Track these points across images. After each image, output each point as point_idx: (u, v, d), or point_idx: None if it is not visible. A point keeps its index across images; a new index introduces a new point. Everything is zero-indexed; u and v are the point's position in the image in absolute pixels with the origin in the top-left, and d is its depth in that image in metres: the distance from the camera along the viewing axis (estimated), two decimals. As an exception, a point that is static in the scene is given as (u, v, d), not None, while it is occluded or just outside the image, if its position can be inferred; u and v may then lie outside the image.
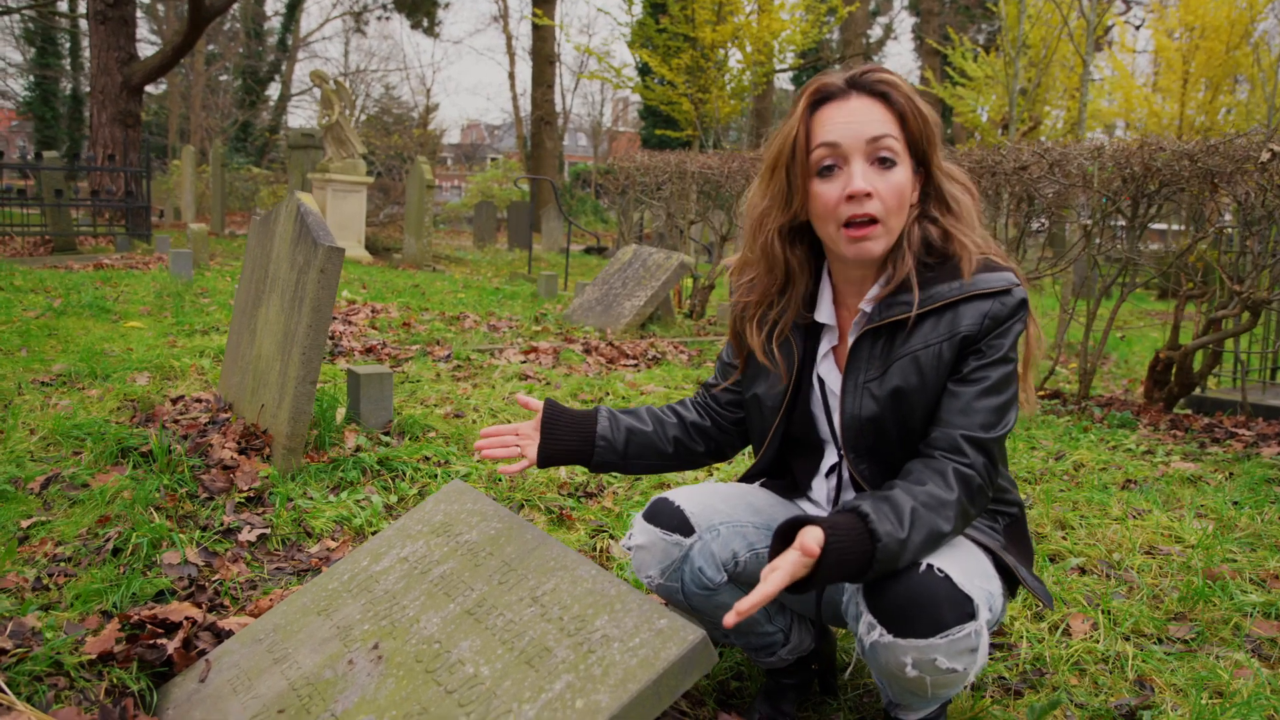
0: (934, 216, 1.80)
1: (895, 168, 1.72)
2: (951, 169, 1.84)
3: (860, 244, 1.72)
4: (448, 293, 9.45)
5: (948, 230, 1.78)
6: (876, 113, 1.73)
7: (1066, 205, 5.53)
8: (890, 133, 1.72)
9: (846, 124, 1.71)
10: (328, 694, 1.97)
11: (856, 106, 1.73)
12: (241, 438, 3.57)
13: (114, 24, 17.93)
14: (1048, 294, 9.26)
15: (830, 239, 1.77)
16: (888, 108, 1.74)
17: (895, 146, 1.72)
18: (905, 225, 1.77)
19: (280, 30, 38.17)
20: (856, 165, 1.70)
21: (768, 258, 1.88)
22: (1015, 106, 14.05)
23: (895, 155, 1.72)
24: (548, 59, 28.27)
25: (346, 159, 13.94)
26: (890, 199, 1.71)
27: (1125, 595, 2.75)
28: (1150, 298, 15.35)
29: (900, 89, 1.75)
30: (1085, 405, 5.25)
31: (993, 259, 1.78)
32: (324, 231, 3.47)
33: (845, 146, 1.71)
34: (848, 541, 1.56)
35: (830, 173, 1.73)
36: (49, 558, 2.76)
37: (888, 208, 1.71)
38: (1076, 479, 3.80)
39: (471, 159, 52.85)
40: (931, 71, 25.05)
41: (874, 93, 1.75)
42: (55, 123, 35.90)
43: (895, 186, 1.71)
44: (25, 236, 12.09)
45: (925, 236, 1.78)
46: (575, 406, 4.79)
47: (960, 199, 1.81)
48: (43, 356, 4.91)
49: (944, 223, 1.78)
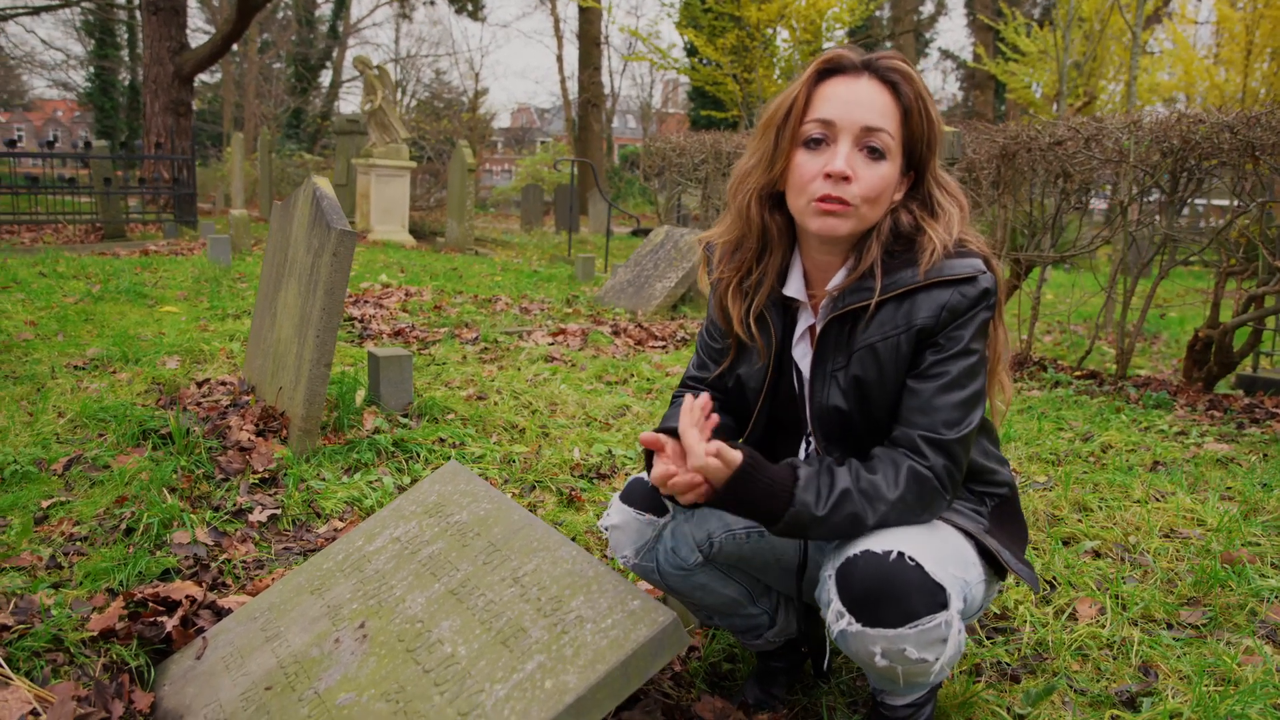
0: (910, 210, 1.74)
1: (882, 162, 1.65)
2: (946, 179, 1.77)
3: (827, 219, 1.66)
4: (484, 276, 9.49)
5: (919, 222, 1.72)
6: (881, 101, 1.66)
7: (1104, 181, 5.40)
8: (887, 128, 1.65)
9: (847, 104, 1.65)
10: (313, 672, 1.99)
11: (863, 89, 1.66)
12: (259, 420, 3.62)
13: (165, 14, 18.23)
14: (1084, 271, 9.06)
15: (799, 211, 1.71)
16: (894, 99, 1.67)
17: (889, 142, 1.65)
18: (879, 219, 1.71)
19: (331, 17, 38.52)
20: (843, 146, 1.64)
21: (745, 219, 1.82)
22: (1066, 80, 13.76)
23: (886, 150, 1.65)
24: (594, 41, 28.20)
25: (390, 144, 14.05)
26: (869, 190, 1.65)
27: (1139, 579, 2.69)
28: (1208, 275, 14.97)
29: (913, 84, 1.67)
30: (1121, 385, 5.13)
31: (963, 242, 1.71)
32: (337, 215, 3.49)
33: (839, 126, 1.65)
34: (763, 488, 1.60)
35: (816, 146, 1.67)
36: (65, 537, 2.82)
37: (864, 197, 1.65)
38: (1102, 461, 3.72)
39: (521, 142, 52.99)
40: (984, 48, 24.60)
41: (885, 80, 1.67)
42: (114, 113, 36.64)
43: (877, 179, 1.65)
44: (77, 224, 12.38)
45: (895, 225, 1.72)
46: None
47: (948, 209, 1.73)
48: (78, 341, 5.02)
49: (918, 215, 1.72)
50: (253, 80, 34.87)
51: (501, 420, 4.02)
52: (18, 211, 11.70)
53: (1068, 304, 8.73)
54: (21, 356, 4.66)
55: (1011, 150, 5.56)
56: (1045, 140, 5.37)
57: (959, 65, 38.23)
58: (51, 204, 12.47)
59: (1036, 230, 5.81)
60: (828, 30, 20.40)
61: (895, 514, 1.63)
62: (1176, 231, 5.05)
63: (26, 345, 4.85)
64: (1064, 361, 6.05)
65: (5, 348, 4.77)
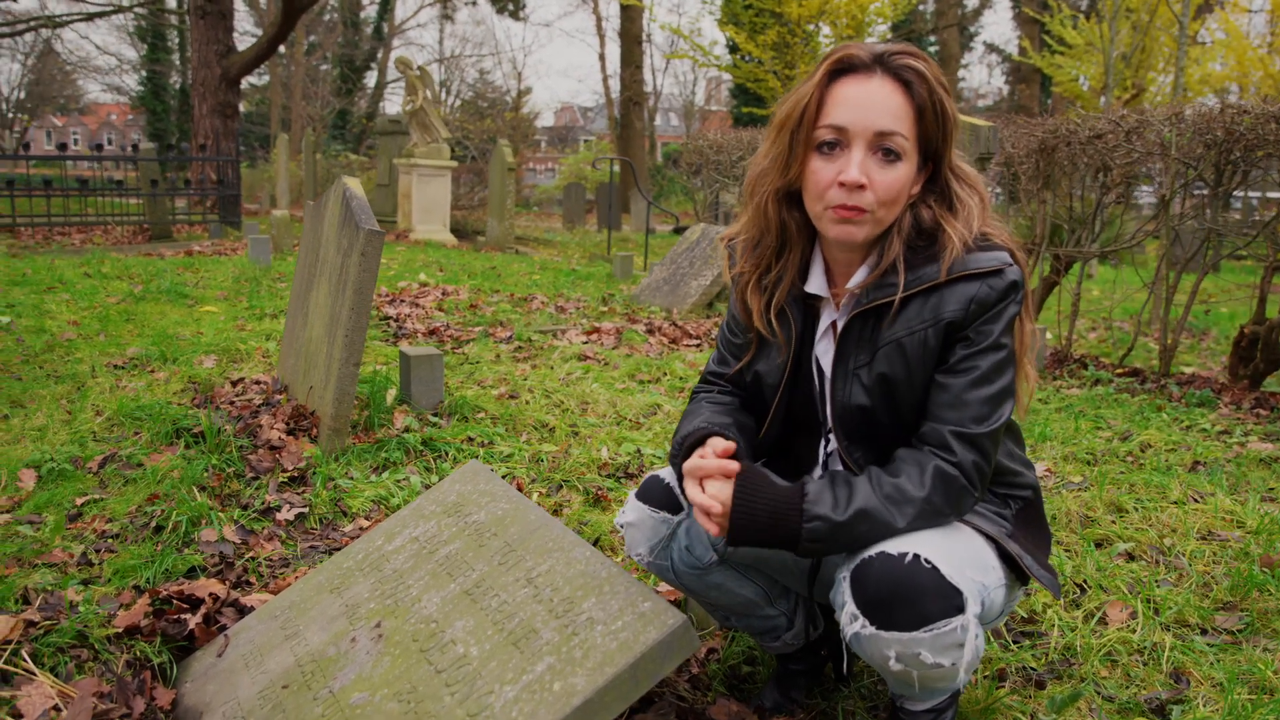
0: (930, 205, 1.71)
1: (898, 163, 1.62)
2: (964, 169, 1.73)
3: (844, 226, 1.65)
4: (523, 274, 9.52)
5: (939, 219, 1.69)
6: (894, 102, 1.62)
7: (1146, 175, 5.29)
8: (901, 130, 1.61)
9: (860, 108, 1.62)
10: (329, 671, 2.00)
11: (876, 90, 1.63)
12: (290, 418, 3.65)
13: (213, 18, 18.51)
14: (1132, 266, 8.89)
15: (816, 217, 1.70)
16: (907, 97, 1.63)
17: (903, 144, 1.62)
18: (898, 216, 1.69)
19: (376, 19, 38.89)
20: (856, 153, 1.61)
21: (763, 220, 1.81)
22: (1112, 73, 13.50)
23: (901, 152, 1.62)
24: (636, 39, 28.18)
25: (431, 144, 14.14)
26: (885, 194, 1.62)
27: (1173, 583, 2.62)
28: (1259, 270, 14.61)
29: (926, 80, 1.63)
30: (1164, 383, 5.02)
31: (988, 235, 1.69)
32: (366, 215, 3.51)
33: (852, 132, 1.62)
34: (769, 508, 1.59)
35: (830, 151, 1.64)
36: (97, 534, 2.86)
37: (880, 201, 1.63)
38: (1140, 460, 3.64)
39: (565, 141, 53.13)
40: (1029, 40, 24.21)
41: (898, 78, 1.64)
42: (165, 115, 37.32)
43: (893, 182, 1.62)
44: (125, 225, 12.61)
45: (916, 220, 1.70)
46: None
47: (966, 201, 1.70)
48: (119, 340, 5.10)
49: (938, 211, 1.69)
50: (299, 82, 35.30)
51: (532, 419, 4.03)
52: (69, 213, 11.95)
53: (1114, 300, 8.56)
54: (64, 356, 4.75)
55: (1051, 144, 5.46)
56: (1085, 134, 5.26)
57: (1004, 59, 37.73)
58: (102, 205, 12.72)
59: (1077, 225, 5.70)
60: (869, 25, 20.21)
61: (924, 514, 1.60)
62: (1221, 225, 4.93)
63: (69, 345, 4.94)
64: (1106, 359, 5.93)
65: (48, 347, 4.86)
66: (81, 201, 12.35)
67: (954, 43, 28.79)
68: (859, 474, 1.66)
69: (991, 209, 1.77)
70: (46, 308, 5.79)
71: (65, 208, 11.85)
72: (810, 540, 1.58)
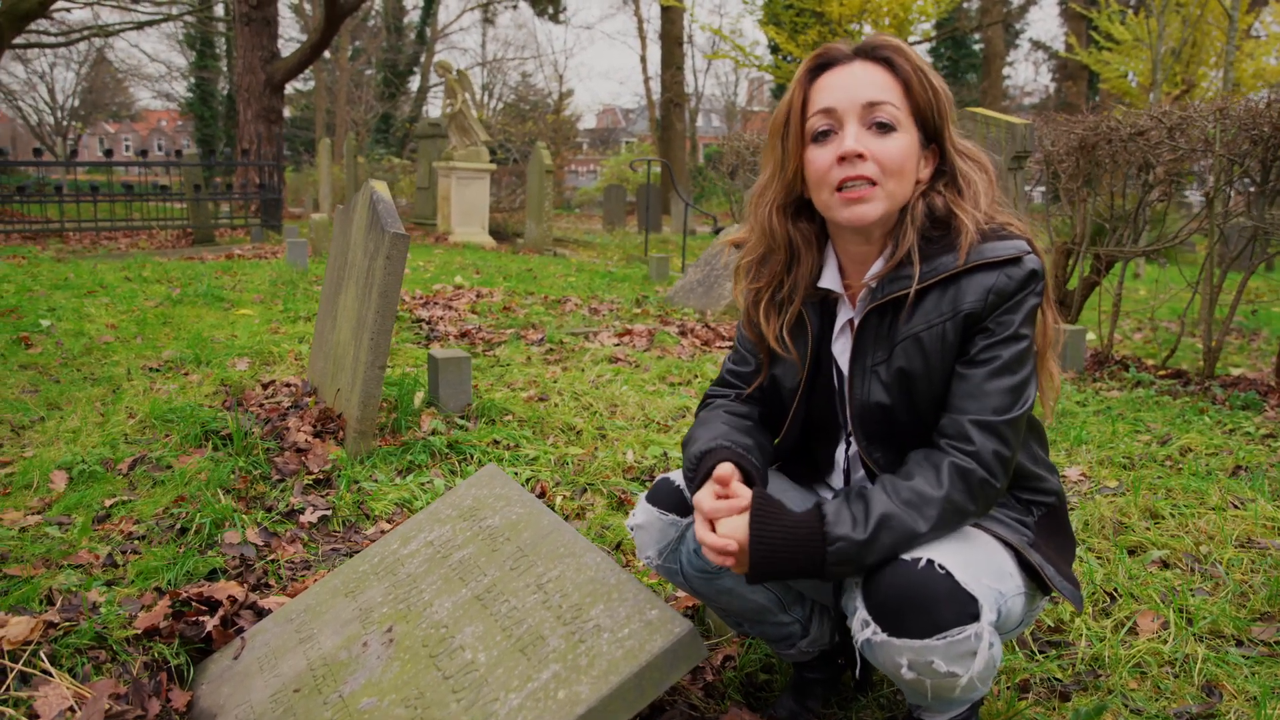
0: (940, 191, 1.68)
1: (893, 133, 1.62)
2: (966, 146, 1.72)
3: (854, 206, 1.62)
4: (559, 276, 9.52)
5: (950, 206, 1.66)
6: (877, 77, 1.64)
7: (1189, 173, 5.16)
8: (889, 99, 1.62)
9: (843, 88, 1.63)
10: (340, 675, 2.00)
11: (856, 70, 1.65)
12: (318, 421, 3.67)
13: (257, 25, 18.75)
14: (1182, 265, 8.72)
15: (825, 205, 1.68)
16: (891, 74, 1.65)
17: (895, 113, 1.62)
18: (910, 199, 1.66)
19: (419, 23, 39.19)
20: (850, 128, 1.62)
21: (768, 235, 1.79)
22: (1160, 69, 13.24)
23: (895, 121, 1.62)
24: (677, 40, 28.15)
25: (470, 147, 14.22)
26: (887, 161, 1.61)
27: (1208, 592, 2.54)
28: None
29: (907, 56, 1.65)
30: (1208, 385, 4.90)
31: (1004, 226, 1.65)
32: (392, 218, 3.52)
33: (840, 110, 1.62)
34: (788, 538, 1.54)
35: (825, 138, 1.64)
36: (124, 535, 2.88)
37: (884, 170, 1.61)
38: (1178, 465, 3.54)
39: (606, 143, 53.18)
40: (1076, 37, 23.82)
41: (877, 59, 1.66)
42: (213, 121, 37.90)
43: (893, 150, 1.61)
44: (169, 229, 12.81)
45: (930, 209, 1.67)
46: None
47: (971, 177, 1.69)
48: (155, 343, 5.17)
49: (948, 197, 1.67)
50: (344, 87, 35.67)
51: (560, 422, 4.01)
52: (114, 218, 12.16)
53: (1158, 300, 8.38)
54: (101, 359, 4.82)
55: (1091, 142, 5.35)
56: (1126, 131, 5.15)
57: (1050, 56, 37.19)
58: (147, 210, 12.93)
59: (1118, 224, 5.58)
60: (912, 23, 20.01)
61: (947, 514, 1.57)
62: (1268, 222, 4.80)
63: (106, 348, 5.01)
64: (1150, 360, 5.80)
65: (87, 350, 4.93)
66: (127, 206, 12.56)
67: (999, 40, 28.42)
68: (880, 477, 1.63)
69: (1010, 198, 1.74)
70: (86, 311, 5.89)
71: (112, 212, 12.06)
72: (836, 564, 1.53)
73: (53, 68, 48.50)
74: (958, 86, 31.85)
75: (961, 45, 32.34)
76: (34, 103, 44.79)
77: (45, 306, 5.89)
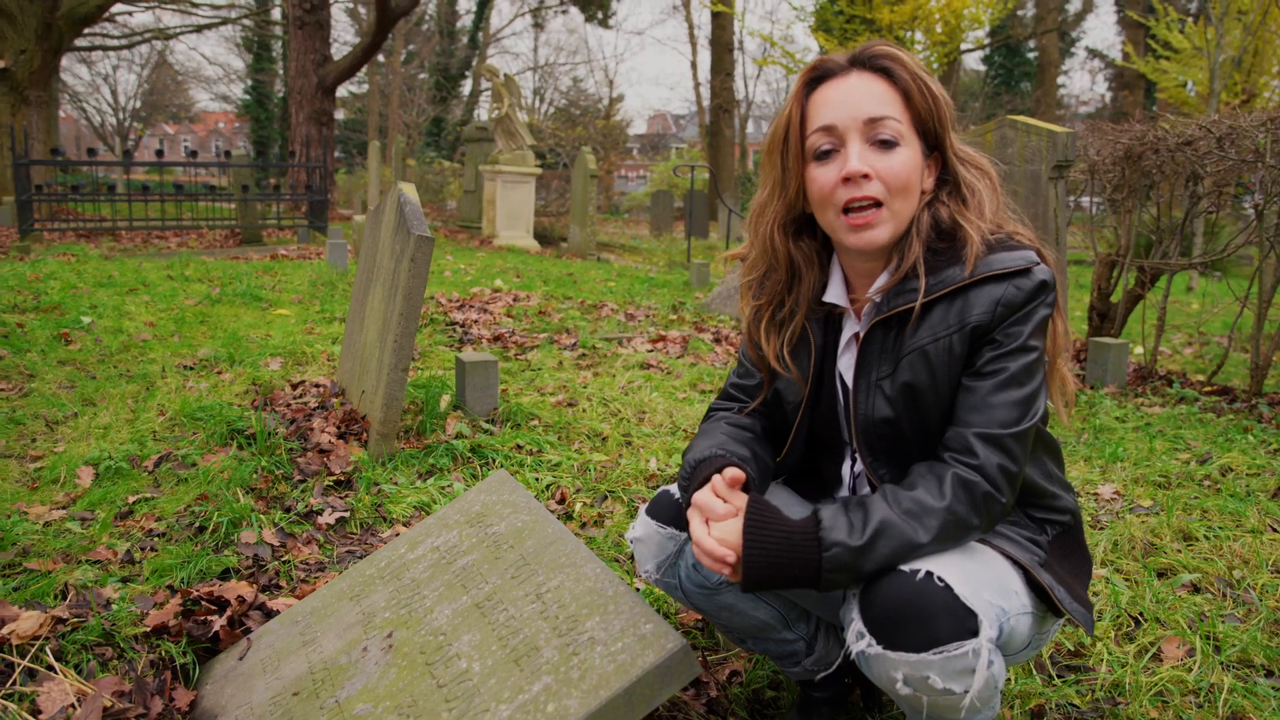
0: (944, 202, 1.64)
1: (897, 149, 1.58)
2: (968, 152, 1.68)
3: (863, 232, 1.59)
4: (598, 281, 9.51)
5: (955, 216, 1.62)
6: (877, 90, 1.59)
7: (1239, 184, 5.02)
8: (891, 113, 1.58)
9: (843, 104, 1.59)
10: (338, 680, 1.99)
11: (855, 84, 1.60)
12: (342, 422, 3.68)
13: (311, 29, 19.03)
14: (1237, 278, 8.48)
15: (831, 227, 1.64)
16: (890, 85, 1.60)
17: (897, 128, 1.58)
18: (915, 211, 1.62)
19: (472, 28, 39.52)
20: (853, 146, 1.57)
21: (769, 253, 1.76)
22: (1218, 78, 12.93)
23: (898, 136, 1.58)
24: (727, 46, 28.09)
25: (515, 150, 14.28)
26: (892, 180, 1.57)
27: (1240, 619, 2.45)
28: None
29: (905, 65, 1.61)
30: (1254, 403, 4.76)
31: (1012, 236, 1.61)
32: (418, 221, 3.52)
33: (841, 128, 1.58)
34: (783, 543, 1.49)
35: (827, 157, 1.60)
36: (145, 532, 2.90)
37: (890, 189, 1.57)
38: (1217, 485, 3.43)
39: (656, 148, 53.21)
40: (1133, 45, 23.42)
41: (875, 69, 1.61)
42: (268, 123, 38.52)
43: (898, 167, 1.57)
44: (217, 229, 13.02)
45: (935, 220, 1.63)
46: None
47: (975, 186, 1.65)
48: (192, 342, 5.23)
49: (953, 208, 1.62)
50: (397, 90, 36.07)
51: (586, 428, 3.99)
52: (165, 218, 12.37)
53: (1206, 314, 8.19)
54: (137, 356, 4.88)
55: (1137, 152, 5.23)
56: (1173, 141, 5.02)
57: (1107, 64, 36.59)
58: (198, 210, 13.15)
59: (1164, 236, 5.44)
60: (964, 30, 19.79)
61: (948, 526, 1.52)
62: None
63: (144, 345, 5.08)
64: (1198, 376, 5.65)
65: (124, 347, 5.01)
66: (178, 206, 12.77)
67: (1053, 48, 28.02)
68: (881, 487, 1.58)
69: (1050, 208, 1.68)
70: (127, 309, 5.98)
71: (163, 212, 12.27)
72: (832, 570, 1.48)
73: (115, 70, 49.70)
74: (1011, 95, 31.44)
75: (1016, 53, 31.91)
76: (97, 104, 45.93)
77: (88, 304, 5.99)
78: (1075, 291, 10.40)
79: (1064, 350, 1.69)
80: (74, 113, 45.45)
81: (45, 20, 15.69)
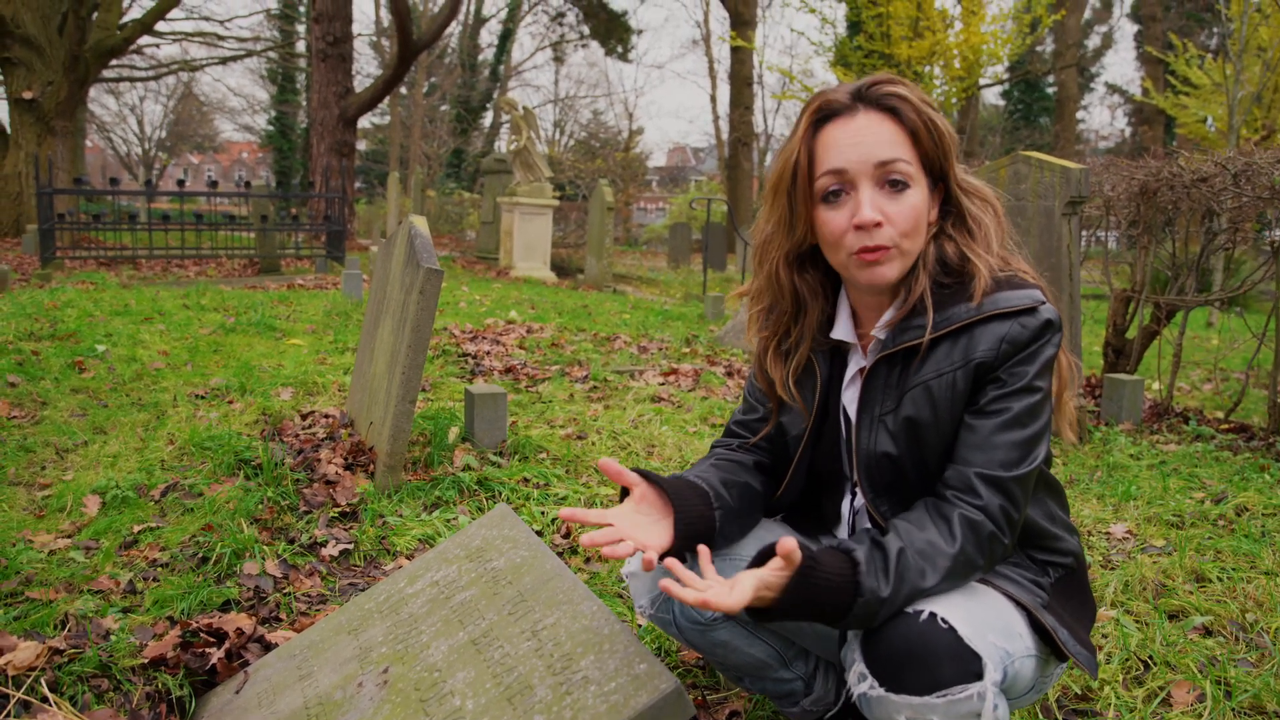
0: (951, 235, 1.63)
1: (908, 190, 1.57)
2: (972, 183, 1.67)
3: (874, 269, 1.58)
4: (613, 313, 9.52)
5: (962, 249, 1.61)
6: (885, 132, 1.58)
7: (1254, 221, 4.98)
8: (901, 155, 1.57)
9: (853, 146, 1.57)
10: (332, 715, 1.97)
11: (863, 125, 1.59)
12: (349, 453, 3.68)
13: (333, 61, 19.28)
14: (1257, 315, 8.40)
15: (842, 266, 1.64)
16: (898, 124, 1.59)
17: (907, 169, 1.57)
18: (923, 247, 1.61)
19: (493, 61, 39.92)
20: (865, 192, 1.56)
21: (775, 287, 1.76)
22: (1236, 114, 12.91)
23: (908, 178, 1.57)
24: (746, 81, 28.26)
25: (534, 182, 14.37)
26: (903, 223, 1.57)
27: (1252, 663, 2.40)
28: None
29: (911, 103, 1.59)
30: (1273, 441, 4.70)
31: (1018, 274, 1.60)
32: (428, 254, 3.53)
33: (852, 172, 1.57)
34: (824, 584, 1.44)
35: (836, 199, 1.59)
36: (149, 562, 2.90)
37: (901, 232, 1.57)
38: (1232, 525, 3.38)
39: (676, 181, 53.42)
40: (1152, 81, 23.44)
41: (883, 107, 1.60)
42: (291, 154, 38.93)
43: (909, 210, 1.57)
44: (236, 259, 13.13)
45: (941, 255, 1.62)
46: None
47: (980, 218, 1.65)
48: (204, 371, 5.25)
49: (960, 241, 1.61)
50: (418, 122, 36.43)
51: (595, 461, 3.97)
52: (185, 246, 12.49)
53: (1224, 351, 8.11)
54: (150, 385, 4.91)
55: (1152, 188, 5.21)
56: (1189, 177, 5.00)
57: (1126, 99, 36.60)
58: (218, 239, 13.28)
59: (1180, 272, 5.41)
60: (983, 66, 19.83)
61: (958, 567, 1.51)
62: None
63: (157, 374, 5.11)
64: (1215, 413, 5.59)
65: (137, 376, 5.03)
66: (198, 235, 12.89)
67: (1072, 84, 28.06)
68: (893, 525, 1.56)
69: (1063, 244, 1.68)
70: (141, 337, 6.01)
71: (183, 241, 12.39)
72: (858, 614, 1.45)
73: (142, 100, 50.38)
74: (1030, 129, 31.47)
75: (1035, 88, 31.97)
76: (124, 134, 46.59)
77: (103, 332, 6.03)
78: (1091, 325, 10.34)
79: (1069, 384, 1.68)
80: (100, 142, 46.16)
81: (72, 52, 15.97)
